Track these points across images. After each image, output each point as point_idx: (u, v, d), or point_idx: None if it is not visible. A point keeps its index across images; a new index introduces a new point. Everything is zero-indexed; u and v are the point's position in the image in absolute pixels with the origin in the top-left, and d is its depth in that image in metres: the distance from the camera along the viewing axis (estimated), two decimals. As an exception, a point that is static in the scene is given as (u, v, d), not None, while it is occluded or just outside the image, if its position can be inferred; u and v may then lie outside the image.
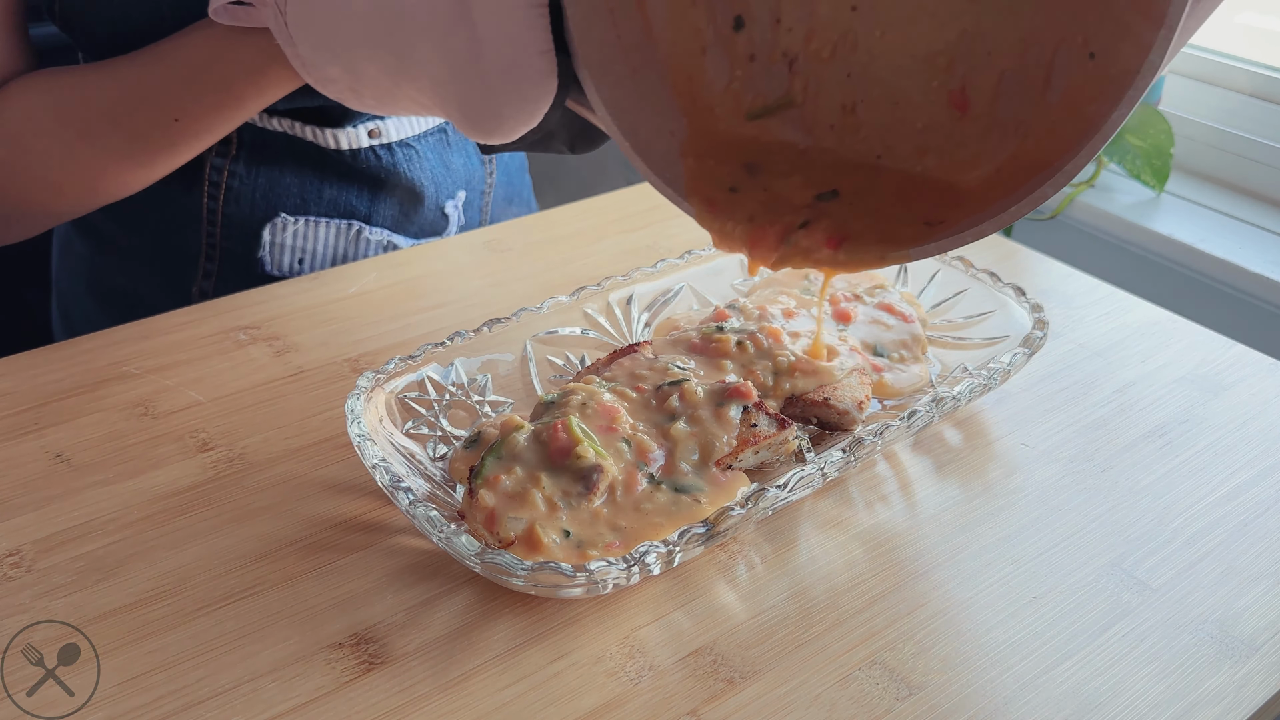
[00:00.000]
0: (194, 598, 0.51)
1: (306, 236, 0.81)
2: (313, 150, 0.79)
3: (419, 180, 0.83)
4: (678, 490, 0.53)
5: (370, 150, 0.80)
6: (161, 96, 0.66)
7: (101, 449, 0.60)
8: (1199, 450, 0.63)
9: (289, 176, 0.79)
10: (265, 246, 0.80)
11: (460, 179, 0.87)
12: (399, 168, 0.82)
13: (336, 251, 0.83)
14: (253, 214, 0.79)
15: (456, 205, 0.87)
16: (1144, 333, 0.74)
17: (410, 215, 0.85)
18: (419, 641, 0.49)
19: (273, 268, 0.81)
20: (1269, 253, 1.02)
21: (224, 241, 0.80)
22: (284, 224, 0.79)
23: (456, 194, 0.87)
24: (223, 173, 0.77)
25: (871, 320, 0.67)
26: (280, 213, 0.79)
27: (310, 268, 0.82)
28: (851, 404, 0.60)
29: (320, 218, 0.81)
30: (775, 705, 0.47)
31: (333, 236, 0.81)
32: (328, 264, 0.83)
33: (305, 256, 0.81)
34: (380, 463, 0.52)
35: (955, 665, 0.49)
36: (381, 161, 0.81)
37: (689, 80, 0.53)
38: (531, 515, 0.52)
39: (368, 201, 0.82)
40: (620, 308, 0.69)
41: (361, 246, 0.83)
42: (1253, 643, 0.51)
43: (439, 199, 0.86)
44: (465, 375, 0.62)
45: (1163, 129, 1.06)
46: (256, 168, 0.78)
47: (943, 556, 0.55)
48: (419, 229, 0.86)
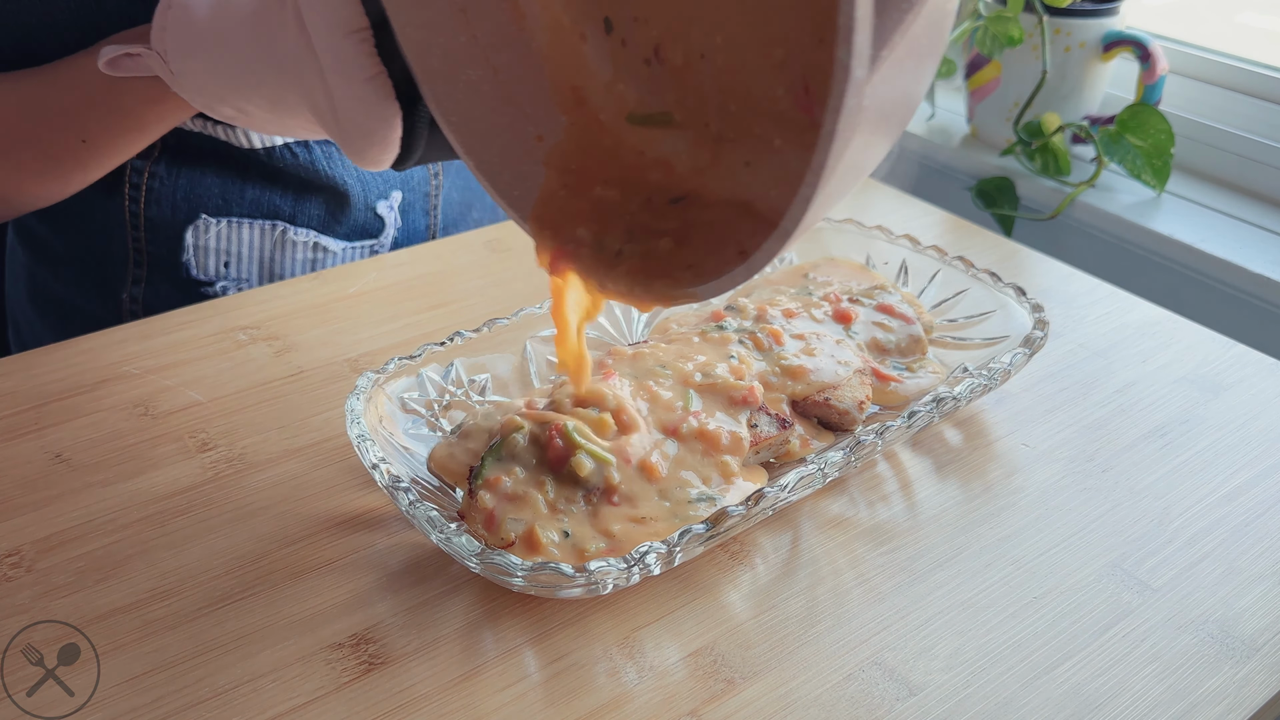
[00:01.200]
0: (194, 598, 0.51)
1: (230, 238, 0.79)
2: (232, 150, 0.77)
3: (340, 179, 0.81)
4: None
5: (286, 148, 0.78)
6: (67, 118, 0.66)
7: (101, 449, 0.60)
8: (1199, 450, 0.63)
9: (210, 177, 0.78)
10: (189, 249, 0.78)
11: (394, 179, 0.84)
12: (318, 166, 0.80)
13: (262, 254, 0.81)
14: (174, 216, 0.78)
15: (391, 206, 0.84)
16: (1144, 333, 0.74)
17: (337, 216, 0.82)
18: (419, 641, 0.49)
19: (198, 271, 0.79)
20: (1269, 253, 1.02)
21: (149, 246, 0.78)
22: (206, 225, 0.78)
23: (390, 194, 0.84)
24: (143, 174, 0.76)
25: (872, 322, 0.67)
26: (201, 214, 0.78)
27: (236, 272, 0.80)
28: (852, 404, 0.60)
29: (243, 219, 0.79)
30: (775, 705, 0.47)
31: (257, 238, 0.80)
32: (254, 268, 0.81)
33: (230, 259, 0.80)
34: (380, 462, 0.52)
35: (956, 665, 0.49)
36: (299, 160, 0.79)
37: (572, 70, 0.49)
38: (531, 516, 0.52)
39: (291, 202, 0.80)
40: (620, 308, 0.69)
41: (288, 249, 0.81)
42: (1253, 643, 0.51)
43: (367, 199, 0.83)
44: (465, 375, 0.62)
45: (1163, 129, 1.06)
46: (177, 169, 0.77)
47: (943, 557, 0.55)
48: (350, 230, 0.84)
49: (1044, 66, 1.08)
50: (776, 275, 0.74)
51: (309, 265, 0.82)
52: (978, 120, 1.20)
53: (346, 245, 0.83)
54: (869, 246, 0.76)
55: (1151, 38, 1.09)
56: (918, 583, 0.53)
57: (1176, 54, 1.17)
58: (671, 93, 0.46)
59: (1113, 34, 1.10)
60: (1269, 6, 1.40)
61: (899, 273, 0.75)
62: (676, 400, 0.58)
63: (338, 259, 0.84)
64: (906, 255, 0.75)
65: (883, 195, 0.94)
